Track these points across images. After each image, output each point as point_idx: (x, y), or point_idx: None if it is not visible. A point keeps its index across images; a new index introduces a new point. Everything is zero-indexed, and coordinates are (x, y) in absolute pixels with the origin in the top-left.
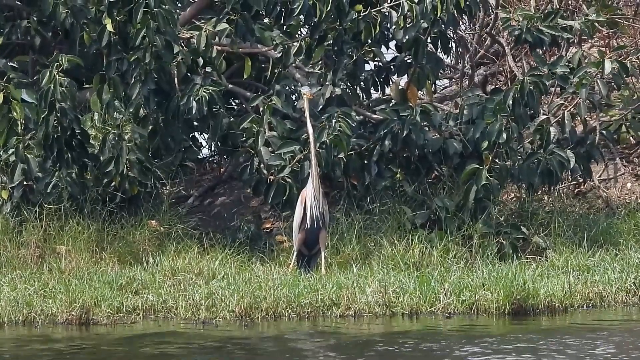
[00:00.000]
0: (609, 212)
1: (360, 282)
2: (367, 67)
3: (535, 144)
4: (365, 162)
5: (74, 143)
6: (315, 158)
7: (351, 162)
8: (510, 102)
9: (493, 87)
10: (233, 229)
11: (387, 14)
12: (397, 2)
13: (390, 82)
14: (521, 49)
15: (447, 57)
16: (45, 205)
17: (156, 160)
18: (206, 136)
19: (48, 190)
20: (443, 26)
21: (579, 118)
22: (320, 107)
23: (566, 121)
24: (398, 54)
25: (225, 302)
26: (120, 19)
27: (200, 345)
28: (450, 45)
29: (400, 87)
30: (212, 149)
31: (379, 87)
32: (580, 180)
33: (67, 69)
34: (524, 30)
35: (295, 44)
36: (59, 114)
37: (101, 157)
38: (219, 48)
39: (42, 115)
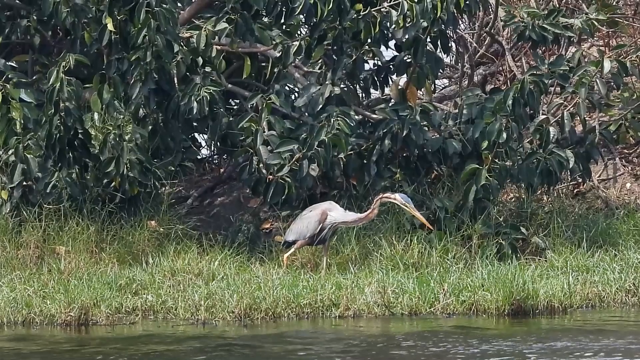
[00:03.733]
0: (608, 212)
1: (359, 283)
2: (367, 66)
3: (535, 143)
4: (365, 161)
5: (76, 143)
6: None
7: (350, 161)
8: (510, 101)
9: (492, 86)
10: (232, 230)
11: (386, 13)
12: (397, 2)
13: (390, 82)
14: (521, 49)
15: (447, 57)
16: (45, 206)
17: (156, 161)
18: (205, 136)
19: (48, 191)
20: (443, 25)
21: (578, 118)
22: (320, 106)
23: (565, 121)
24: (397, 54)
25: (225, 303)
26: (120, 18)
27: (200, 346)
28: (449, 45)
29: (399, 87)
30: (212, 149)
31: (379, 87)
32: (580, 180)
33: (68, 69)
34: (529, 27)
35: (294, 43)
36: (62, 114)
37: (101, 157)
38: (219, 47)
39: (48, 114)
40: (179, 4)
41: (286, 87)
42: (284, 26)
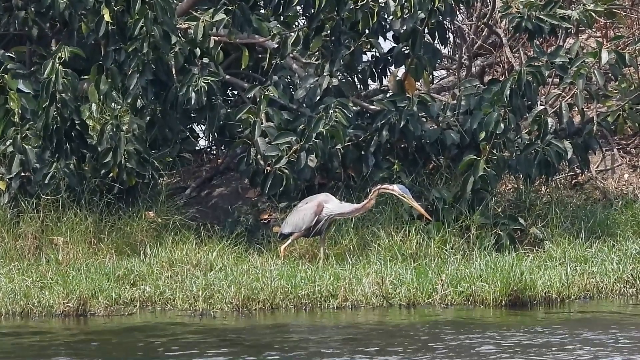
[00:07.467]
0: (607, 203)
1: (357, 274)
2: (365, 57)
3: (533, 134)
4: (363, 153)
5: (73, 134)
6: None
7: (348, 153)
8: (508, 92)
9: (490, 77)
10: (231, 220)
11: (384, 3)
12: None
13: (388, 73)
14: (519, 40)
15: (445, 48)
16: (43, 197)
17: (154, 151)
18: (203, 127)
19: (46, 181)
20: (440, 17)
21: (576, 109)
22: (318, 98)
23: (564, 112)
24: (395, 45)
25: (223, 294)
26: (118, 9)
27: (197, 337)
28: (447, 36)
29: (397, 78)
30: (210, 140)
31: (377, 78)
32: (578, 171)
33: (64, 61)
34: (524, 18)
35: (292, 34)
36: (59, 105)
37: (99, 148)
38: (217, 38)
39: (43, 106)
40: None
41: (284, 79)
42: (281, 17)
